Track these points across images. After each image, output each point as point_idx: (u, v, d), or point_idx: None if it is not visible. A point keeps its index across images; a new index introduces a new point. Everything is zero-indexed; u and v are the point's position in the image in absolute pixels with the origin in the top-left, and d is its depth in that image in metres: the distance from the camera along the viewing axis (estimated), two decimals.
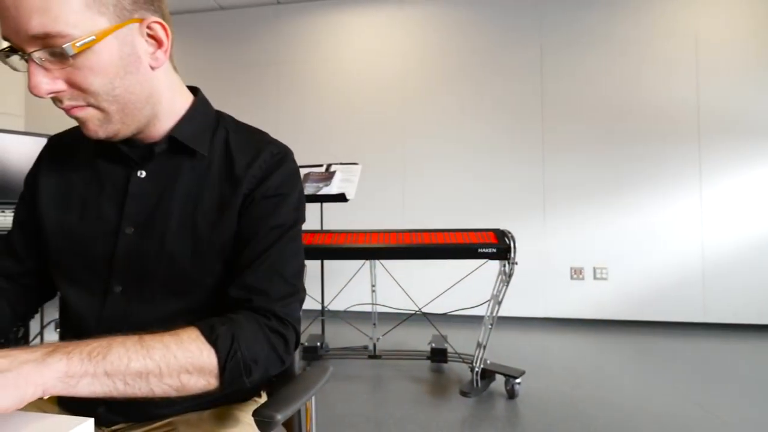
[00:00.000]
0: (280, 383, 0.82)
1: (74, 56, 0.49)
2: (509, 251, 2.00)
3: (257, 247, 0.62)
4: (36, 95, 0.51)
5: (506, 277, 2.04)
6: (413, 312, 2.68)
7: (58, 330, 1.62)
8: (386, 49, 3.65)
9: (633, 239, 3.22)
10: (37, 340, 1.58)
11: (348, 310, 3.16)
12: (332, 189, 2.45)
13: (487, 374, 2.12)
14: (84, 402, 0.43)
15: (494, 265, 2.17)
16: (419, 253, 2.12)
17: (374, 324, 2.55)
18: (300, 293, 0.65)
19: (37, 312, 0.74)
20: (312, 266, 2.40)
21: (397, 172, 3.58)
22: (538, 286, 3.34)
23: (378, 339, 2.53)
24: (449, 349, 2.41)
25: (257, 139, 0.69)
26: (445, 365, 2.45)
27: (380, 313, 2.66)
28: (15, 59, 0.52)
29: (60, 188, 0.67)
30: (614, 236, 3.25)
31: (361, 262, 2.75)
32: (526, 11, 3.42)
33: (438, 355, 2.41)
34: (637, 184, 3.23)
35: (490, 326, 2.09)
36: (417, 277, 3.26)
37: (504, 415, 1.88)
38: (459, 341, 2.58)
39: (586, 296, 3.28)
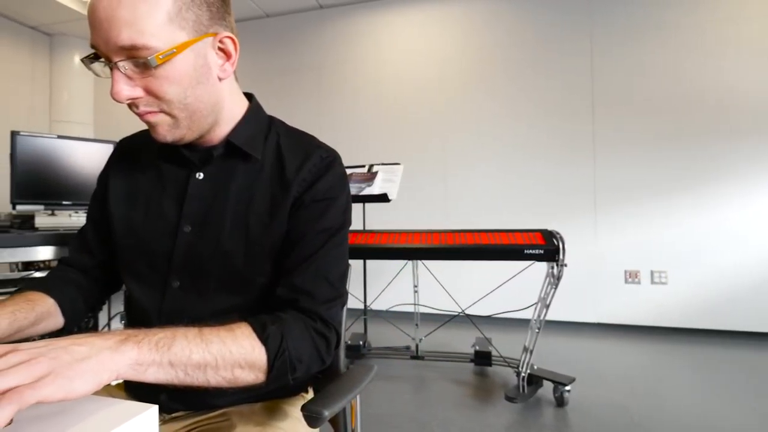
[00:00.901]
0: (325, 380, 0.83)
1: (156, 67, 0.54)
2: (558, 253, 1.91)
3: (305, 250, 0.64)
4: (117, 100, 0.56)
5: (554, 279, 1.96)
6: (456, 313, 2.64)
7: (123, 322, 1.74)
8: (426, 47, 3.62)
9: (696, 241, 2.99)
10: (105, 330, 1.71)
11: (390, 309, 3.16)
12: (374, 189, 2.46)
13: (534, 380, 2.04)
14: (148, 389, 0.46)
15: (540, 267, 2.09)
16: (463, 254, 2.08)
17: (416, 324, 2.53)
18: (343, 297, 0.68)
19: (104, 303, 0.80)
20: (355, 266, 2.42)
21: (439, 171, 3.54)
22: (589, 290, 3.18)
23: (420, 340, 2.51)
24: (493, 353, 2.35)
25: (307, 143, 0.71)
26: (489, 369, 2.39)
27: (422, 314, 2.64)
28: (98, 66, 0.57)
29: (127, 188, 0.72)
30: (675, 238, 3.03)
31: (403, 262, 2.75)
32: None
33: (482, 358, 2.35)
34: (703, 183, 2.98)
35: (537, 330, 2.01)
36: (460, 278, 3.21)
37: (552, 423, 1.80)
38: (503, 344, 2.51)
39: (642, 301, 3.08)
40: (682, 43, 3.04)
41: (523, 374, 1.99)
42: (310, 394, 0.81)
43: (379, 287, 2.97)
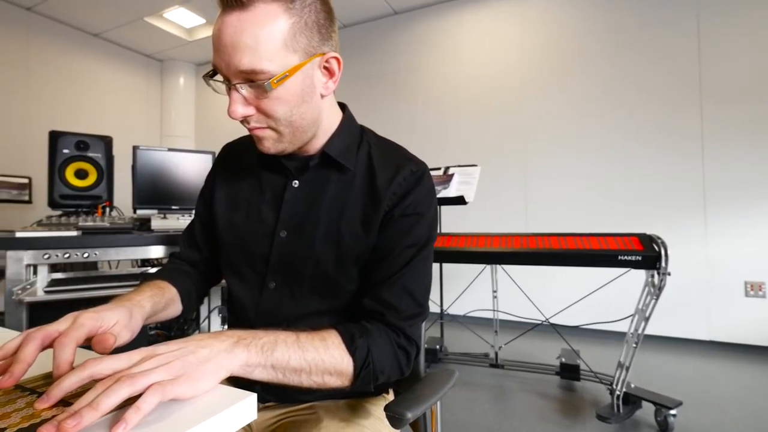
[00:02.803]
0: (406, 383, 0.83)
1: (270, 90, 0.58)
2: (659, 259, 1.71)
3: (392, 265, 0.66)
4: (232, 118, 0.61)
5: (655, 289, 1.75)
6: (539, 322, 2.49)
7: (220, 315, 1.91)
8: (504, 45, 3.49)
9: None
10: (206, 324, 1.89)
11: (467, 314, 3.08)
12: (450, 192, 2.42)
13: (632, 400, 1.85)
14: (246, 380, 0.50)
15: (636, 276, 1.89)
16: (547, 259, 1.96)
17: (496, 331, 2.44)
18: (425, 313, 0.69)
19: (207, 295, 0.88)
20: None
21: (519, 172, 3.38)
22: (701, 303, 2.80)
23: (500, 347, 2.41)
24: (582, 366, 2.17)
25: (397, 154, 0.73)
26: (576, 383, 2.21)
27: (501, 321, 2.54)
28: (217, 83, 0.62)
29: (230, 191, 0.78)
30: None
31: (481, 266, 2.66)
32: None
33: (569, 371, 2.19)
34: None
35: (634, 345, 1.82)
36: (543, 285, 3.02)
37: None
38: (593, 358, 2.32)
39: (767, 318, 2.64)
40: None
41: (617, 392, 1.81)
42: (391, 396, 0.82)
43: (456, 291, 2.91)
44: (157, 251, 1.61)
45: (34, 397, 0.40)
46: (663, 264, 1.70)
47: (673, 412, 1.71)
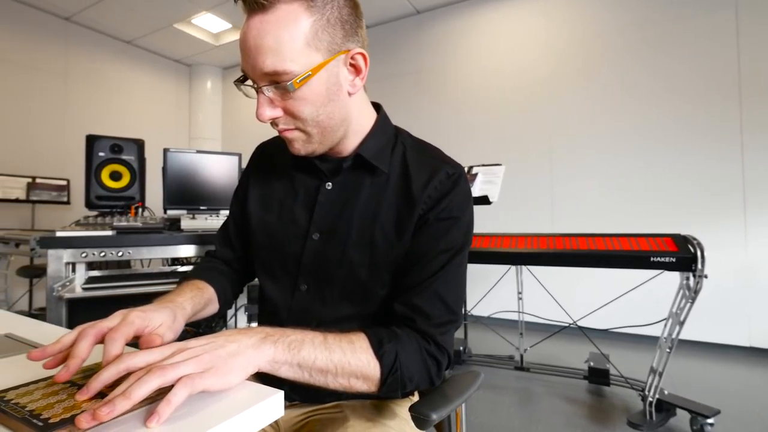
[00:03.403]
0: None
1: (293, 91, 0.58)
2: (695, 261, 1.64)
3: (425, 270, 0.64)
4: (261, 121, 0.61)
5: (691, 292, 1.68)
6: (566, 324, 2.43)
7: (246, 313, 1.95)
8: (528, 42, 3.42)
9: None
10: (232, 321, 1.93)
11: (492, 316, 3.04)
12: (474, 191, 2.39)
13: (665, 407, 1.78)
14: (272, 378, 0.51)
15: (669, 278, 1.82)
16: (575, 259, 1.91)
17: (521, 333, 2.39)
18: (458, 321, 0.66)
19: (241, 292, 0.89)
20: None
21: (545, 171, 3.31)
22: (739, 307, 2.67)
23: (525, 350, 2.36)
24: (612, 371, 2.11)
25: (433, 156, 0.71)
26: (606, 388, 2.15)
27: (527, 323, 2.49)
28: (247, 87, 0.63)
29: (263, 192, 0.78)
30: None
31: (505, 267, 2.62)
32: None
33: (598, 375, 2.12)
34: None
35: (668, 350, 1.75)
36: (569, 287, 2.94)
37: None
38: (623, 363, 2.24)
39: None
40: None
41: (650, 399, 1.75)
42: (416, 397, 0.81)
43: (480, 292, 2.87)
44: (186, 250, 1.65)
45: (75, 390, 0.42)
46: (699, 266, 1.63)
47: (710, 421, 1.63)
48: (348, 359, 0.55)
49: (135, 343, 0.50)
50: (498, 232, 2.23)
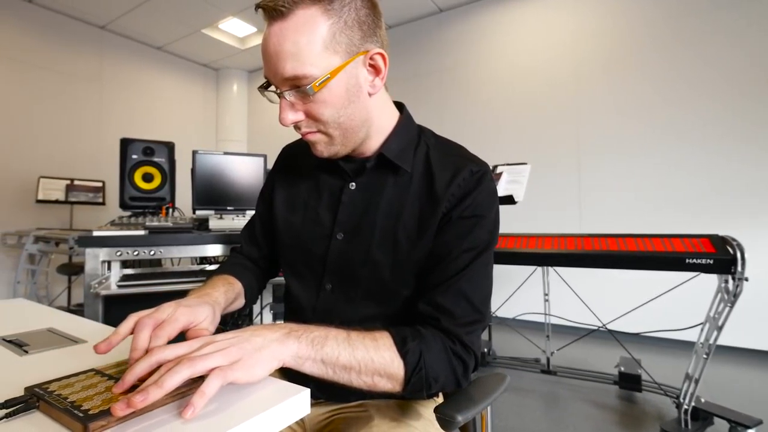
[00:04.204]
0: None
1: (313, 94, 0.59)
2: (734, 263, 1.56)
3: (449, 268, 0.63)
4: (283, 125, 0.63)
5: (730, 296, 1.60)
6: (595, 328, 2.36)
7: (272, 312, 1.98)
8: (554, 38, 3.35)
9: None
10: (258, 319, 1.97)
11: (517, 318, 2.98)
12: (499, 191, 2.35)
13: (702, 415, 1.70)
14: (298, 375, 0.51)
15: (706, 281, 1.74)
16: (604, 261, 1.85)
17: (547, 336, 2.34)
18: (485, 320, 0.65)
19: (264, 288, 0.91)
20: None
21: (572, 171, 3.22)
22: None
23: (552, 353, 2.31)
24: (644, 376, 2.03)
25: (457, 155, 0.70)
26: (637, 395, 2.08)
27: (553, 325, 2.43)
28: (271, 93, 0.64)
29: (289, 192, 0.80)
30: None
31: (531, 268, 2.57)
32: None
33: (629, 381, 2.05)
34: None
35: (705, 356, 1.67)
36: (598, 289, 2.86)
37: None
38: (655, 368, 2.16)
39: None
40: None
41: (685, 406, 1.68)
42: (441, 398, 0.80)
43: (505, 293, 2.82)
44: (214, 250, 1.70)
45: (111, 383, 0.44)
46: (739, 268, 1.55)
47: (752, 431, 1.55)
48: (371, 356, 0.55)
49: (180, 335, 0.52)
50: (524, 232, 2.19)
